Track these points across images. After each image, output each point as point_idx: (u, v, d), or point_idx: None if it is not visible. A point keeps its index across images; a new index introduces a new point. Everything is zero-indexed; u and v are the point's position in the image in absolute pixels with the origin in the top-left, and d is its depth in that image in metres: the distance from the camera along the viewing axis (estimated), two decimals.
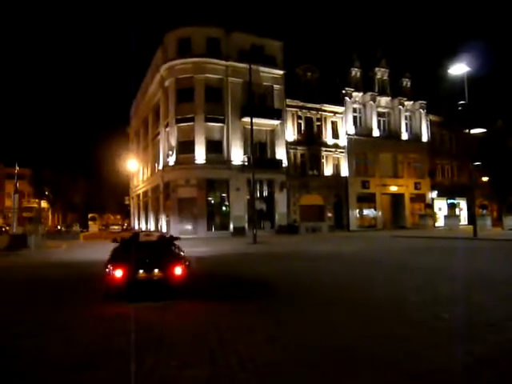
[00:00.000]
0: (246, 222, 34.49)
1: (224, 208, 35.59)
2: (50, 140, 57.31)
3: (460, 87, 29.65)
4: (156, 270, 7.97)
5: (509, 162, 41.69)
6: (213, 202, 35.65)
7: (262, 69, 36.20)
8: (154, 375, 4.24)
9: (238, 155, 35.32)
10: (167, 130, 36.27)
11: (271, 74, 37.41)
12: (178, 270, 8.00)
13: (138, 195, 51.48)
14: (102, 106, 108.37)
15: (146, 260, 8.14)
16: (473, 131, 35.01)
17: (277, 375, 4.22)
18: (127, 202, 60.50)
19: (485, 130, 38.92)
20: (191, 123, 34.77)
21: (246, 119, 32.23)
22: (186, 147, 34.70)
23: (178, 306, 7.57)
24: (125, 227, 59.81)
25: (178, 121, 35.27)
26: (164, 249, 9.15)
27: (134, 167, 49.92)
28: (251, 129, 27.58)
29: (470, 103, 29.31)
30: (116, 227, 58.84)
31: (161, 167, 37.15)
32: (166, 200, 36.69)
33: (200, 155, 34.28)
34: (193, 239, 28.18)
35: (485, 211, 46.02)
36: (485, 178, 44.34)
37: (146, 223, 45.58)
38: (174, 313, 7.09)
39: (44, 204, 63.41)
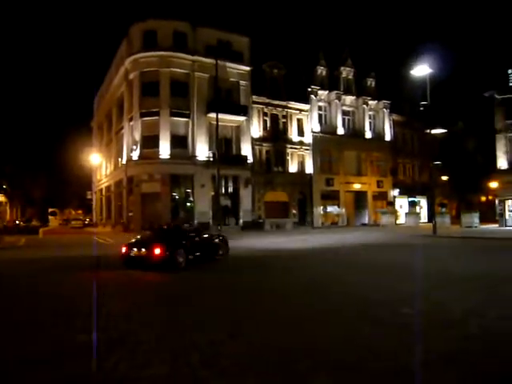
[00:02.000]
0: (210, 218, 34.34)
1: (188, 204, 35.36)
2: (11, 134, 55.19)
3: (422, 88, 30.39)
4: (143, 250, 11.54)
5: (467, 163, 43.11)
6: (177, 197, 35.36)
7: (228, 64, 36.08)
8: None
9: (203, 151, 35.10)
10: (131, 124, 35.70)
11: (238, 69, 37.33)
12: (157, 251, 11.21)
13: (101, 190, 50.50)
14: (65, 99, 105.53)
15: (140, 242, 12.08)
16: (434, 131, 36.02)
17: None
18: (89, 197, 59.21)
19: (445, 131, 40.06)
20: (156, 117, 34.34)
21: (212, 115, 32.04)
22: (150, 142, 34.28)
23: (148, 273, 11.07)
24: (86, 222, 58.46)
25: (142, 115, 34.76)
26: (169, 235, 12.73)
27: (96, 161, 48.92)
28: (217, 124, 27.50)
29: (431, 104, 30.06)
30: (77, 222, 57.39)
31: (124, 162, 36.53)
32: (129, 195, 36.14)
33: (164, 150, 33.90)
34: None
35: (444, 209, 47.39)
36: (444, 178, 45.65)
37: (109, 218, 44.77)
38: (139, 275, 10.69)
39: (1, 198, 61.30)
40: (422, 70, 28.09)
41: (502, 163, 37.47)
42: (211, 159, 34.10)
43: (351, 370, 4.28)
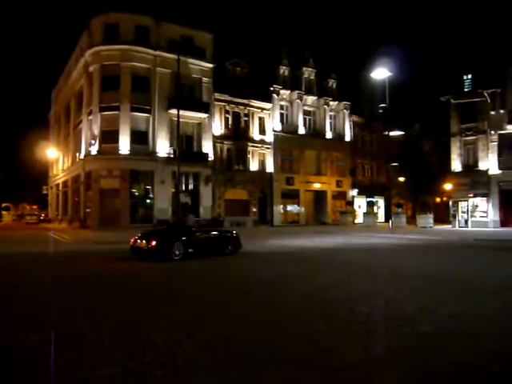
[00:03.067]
0: (169, 215, 34.02)
1: (148, 200, 34.94)
2: None
3: (381, 91, 31.13)
4: (144, 241, 13.18)
5: (423, 165, 44.42)
6: (137, 193, 34.89)
7: (191, 61, 35.82)
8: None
9: (163, 147, 34.74)
10: (90, 117, 34.92)
11: (200, 66, 37.10)
12: (153, 243, 12.92)
13: (58, 185, 49.16)
14: (21, 90, 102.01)
15: (145, 235, 13.68)
16: (392, 133, 36.97)
17: None
18: (45, 192, 57.48)
19: (403, 133, 41.14)
20: (116, 112, 33.71)
21: (173, 111, 31.70)
22: (109, 137, 33.63)
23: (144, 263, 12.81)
24: (42, 218, 56.72)
25: (101, 109, 34.04)
26: (169, 229, 15.05)
27: (53, 155, 47.58)
28: (178, 121, 27.17)
29: (390, 107, 30.85)
30: (32, 218, 55.63)
31: (82, 156, 35.71)
32: (86, 191, 35.35)
33: (124, 145, 33.35)
34: (114, 231, 27.50)
35: (400, 210, 48.66)
36: (401, 179, 46.88)
37: (65, 214, 43.65)
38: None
39: None
40: (381, 73, 28.79)
41: (456, 166, 38.84)
42: (172, 156, 33.81)
43: (306, 366, 4.39)
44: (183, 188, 35.48)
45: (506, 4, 58.13)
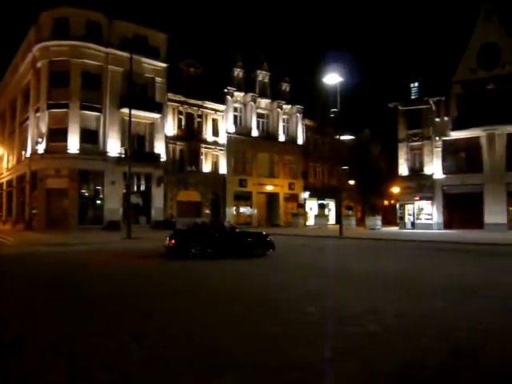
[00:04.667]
0: (120, 216, 33.35)
1: (98, 201, 34.08)
2: None
3: (333, 96, 31.80)
4: (167, 241, 14.42)
5: (372, 168, 45.66)
6: (86, 194, 33.96)
7: (144, 60, 35.32)
8: None
9: (114, 147, 34.00)
10: (37, 115, 33.66)
11: (154, 66, 36.61)
12: (172, 241, 14.17)
13: (1, 184, 46.99)
14: None
15: (171, 235, 14.73)
16: (342, 138, 37.82)
17: None
18: None
19: (353, 138, 42.17)
20: (65, 110, 32.68)
21: (125, 110, 31.13)
22: (57, 135, 32.56)
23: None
24: None
25: (50, 106, 32.90)
26: (190, 231, 15.52)
27: None
28: (129, 120, 26.73)
29: (341, 111, 31.55)
30: None
31: (28, 155, 34.37)
32: (32, 191, 34.04)
33: (73, 144, 32.38)
34: (62, 232, 26.69)
35: (350, 212, 49.90)
36: (352, 182, 47.98)
37: (10, 215, 41.81)
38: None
39: None
40: (332, 78, 29.45)
41: (403, 170, 40.23)
42: (123, 156, 33.11)
43: (253, 367, 4.43)
44: (135, 189, 34.85)
45: (450, 16, 60.85)
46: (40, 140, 32.71)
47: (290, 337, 5.47)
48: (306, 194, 48.29)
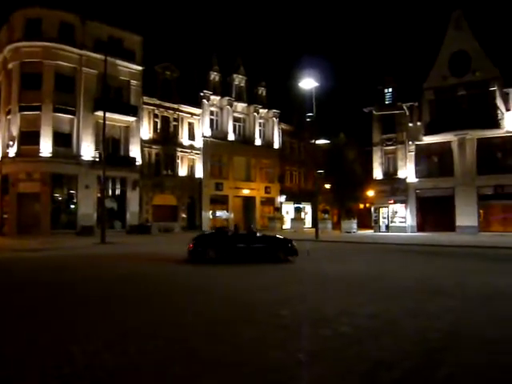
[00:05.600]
0: (94, 221, 32.85)
1: (71, 205, 33.51)
2: None
3: (309, 100, 32.09)
4: (189, 245, 14.69)
5: (348, 172, 46.16)
6: (59, 198, 33.31)
7: (119, 62, 34.98)
8: None
9: (88, 150, 33.50)
10: (9, 117, 32.93)
11: (129, 68, 36.27)
12: (190, 245, 14.51)
13: None
14: None
15: (192, 238, 14.98)
16: (318, 142, 38.14)
17: None
18: None
19: (328, 142, 42.59)
20: (37, 112, 32.02)
21: (100, 113, 30.73)
22: (29, 138, 31.84)
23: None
24: None
25: (21, 108, 32.19)
26: (209, 236, 16.55)
27: None
28: (104, 123, 26.43)
29: (317, 116, 31.85)
30: None
31: None
32: (3, 195, 33.25)
33: (46, 148, 31.77)
34: (34, 238, 26.18)
35: (326, 215, 50.31)
36: (328, 186, 48.38)
37: None
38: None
39: None
40: (308, 83, 29.71)
41: (377, 174, 40.80)
42: (97, 159, 32.64)
43: (226, 368, 4.47)
44: (109, 193, 34.41)
45: (423, 23, 62.13)
46: (11, 143, 32.02)
47: (264, 340, 5.49)
48: (282, 198, 48.46)
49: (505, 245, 21.67)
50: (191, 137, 40.73)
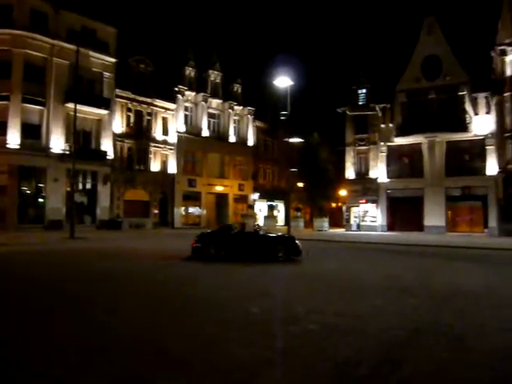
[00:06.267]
0: (63, 215, 32.20)
1: (40, 199, 32.75)
2: None
3: (283, 99, 32.17)
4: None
5: (320, 171, 46.58)
6: (27, 192, 32.52)
7: (92, 54, 34.37)
8: None
9: (58, 143, 32.80)
10: None
11: (102, 60, 35.65)
12: (193, 242, 14.43)
13: None
14: None
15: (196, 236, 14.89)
16: (292, 140, 38.30)
17: None
18: None
19: (302, 140, 42.82)
20: (5, 102, 31.04)
21: (71, 105, 30.02)
22: None
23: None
24: None
25: None
26: (210, 233, 15.62)
27: None
28: (75, 116, 25.89)
29: (291, 114, 31.96)
30: None
31: None
32: None
33: (13, 139, 30.90)
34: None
35: (299, 214, 50.63)
36: (301, 184, 48.69)
37: None
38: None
39: None
40: (283, 81, 29.73)
41: (349, 173, 41.34)
42: (67, 152, 31.99)
43: (191, 367, 4.42)
44: (79, 187, 33.81)
45: (397, 27, 63.09)
46: None
47: (230, 338, 5.48)
48: (255, 195, 48.52)
49: (470, 245, 22.25)
50: (165, 132, 40.34)
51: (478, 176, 34.55)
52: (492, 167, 34.03)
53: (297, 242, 14.79)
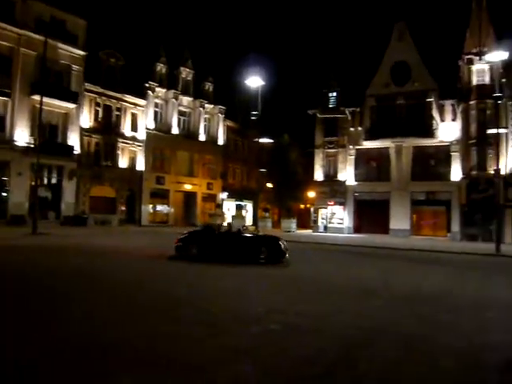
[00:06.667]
0: (26, 211, 31.31)
1: (2, 193, 31.77)
2: None
3: (255, 99, 32.25)
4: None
5: (289, 172, 46.90)
6: None
7: (60, 46, 33.46)
8: None
9: (23, 136, 31.83)
10: None
11: (71, 53, 34.78)
12: (176, 241, 14.32)
13: None
14: None
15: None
16: (262, 140, 38.46)
17: None
18: None
19: (272, 141, 43.01)
20: None
21: (37, 97, 29.18)
22: None
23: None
24: None
25: None
26: (192, 233, 15.30)
27: None
28: (40, 108, 25.27)
29: (262, 115, 32.08)
30: None
31: None
32: None
33: None
34: None
35: (267, 214, 50.80)
36: (270, 185, 48.89)
37: None
38: None
39: None
40: (254, 81, 29.82)
41: (318, 175, 41.72)
42: (32, 146, 31.14)
43: (148, 365, 4.40)
44: (44, 182, 32.97)
45: (369, 31, 64.09)
46: None
47: (189, 336, 5.46)
48: (224, 195, 48.40)
49: (433, 248, 22.81)
50: (134, 128, 39.74)
51: (442, 181, 35.43)
52: (456, 173, 34.97)
53: (280, 243, 14.05)
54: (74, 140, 34.74)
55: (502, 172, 28.02)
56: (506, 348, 5.44)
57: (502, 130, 29.59)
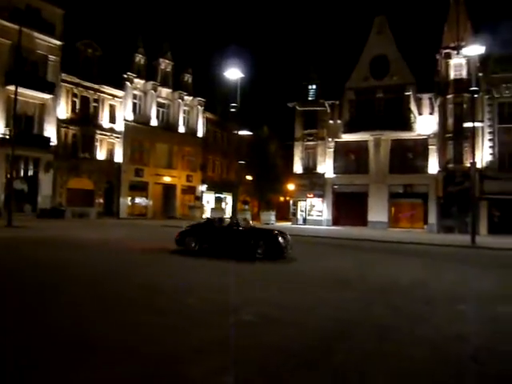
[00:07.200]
0: (1, 203, 30.69)
1: None
2: None
3: (234, 91, 32.09)
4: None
5: (269, 165, 47.01)
6: None
7: (36, 35, 32.84)
8: None
9: None
10: None
11: (47, 42, 34.12)
12: (176, 235, 14.32)
13: None
14: None
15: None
16: (241, 133, 38.37)
17: None
18: None
19: (252, 133, 42.99)
20: None
21: (12, 87, 28.54)
22: None
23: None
24: None
25: None
26: (192, 226, 15.11)
27: None
28: (15, 99, 24.74)
29: (241, 107, 31.95)
30: None
31: None
32: None
33: None
34: None
35: (247, 206, 50.82)
36: (249, 177, 48.93)
37: None
38: None
39: None
40: (234, 73, 29.65)
41: (297, 168, 41.87)
42: (7, 137, 30.49)
43: (126, 354, 4.47)
44: (20, 174, 32.35)
45: (348, 24, 64.37)
46: None
47: (167, 327, 5.50)
48: (203, 187, 48.28)
49: (410, 240, 23.18)
50: (112, 119, 39.26)
51: (419, 174, 35.96)
52: (433, 166, 35.51)
53: (279, 238, 13.06)
54: (50, 131, 34.18)
55: (478, 165, 28.51)
56: (477, 338, 5.59)
57: (477, 124, 30.08)
